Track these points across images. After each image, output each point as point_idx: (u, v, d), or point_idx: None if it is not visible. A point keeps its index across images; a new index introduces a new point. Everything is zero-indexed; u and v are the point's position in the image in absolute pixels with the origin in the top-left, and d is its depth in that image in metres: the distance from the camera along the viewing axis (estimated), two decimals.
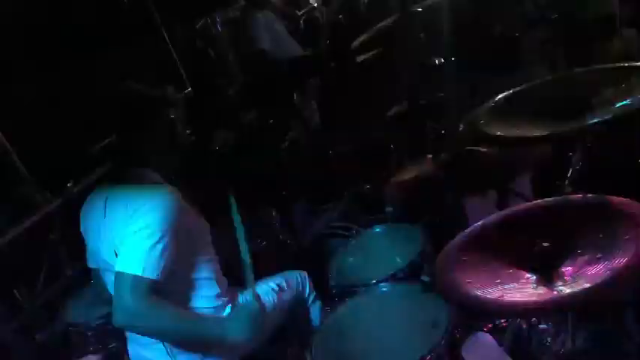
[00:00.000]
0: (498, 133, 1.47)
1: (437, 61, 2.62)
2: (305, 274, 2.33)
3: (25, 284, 2.32)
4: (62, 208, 2.58)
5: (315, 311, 2.29)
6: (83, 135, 2.62)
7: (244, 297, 1.94)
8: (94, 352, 2.15)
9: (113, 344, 2.08)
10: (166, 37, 4.95)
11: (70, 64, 3.65)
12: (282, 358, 2.40)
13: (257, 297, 1.87)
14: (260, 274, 2.21)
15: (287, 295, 2.15)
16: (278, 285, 2.15)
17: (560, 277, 1.24)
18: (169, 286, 1.65)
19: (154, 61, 4.76)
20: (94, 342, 2.13)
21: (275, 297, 2.10)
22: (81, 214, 1.87)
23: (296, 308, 2.22)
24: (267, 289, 2.11)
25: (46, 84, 3.55)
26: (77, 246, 1.93)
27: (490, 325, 1.99)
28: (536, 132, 1.41)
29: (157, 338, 1.69)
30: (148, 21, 4.86)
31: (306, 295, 2.27)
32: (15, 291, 2.21)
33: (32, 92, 3.50)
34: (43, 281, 2.48)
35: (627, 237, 1.22)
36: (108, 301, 1.67)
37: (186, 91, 4.99)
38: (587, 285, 1.15)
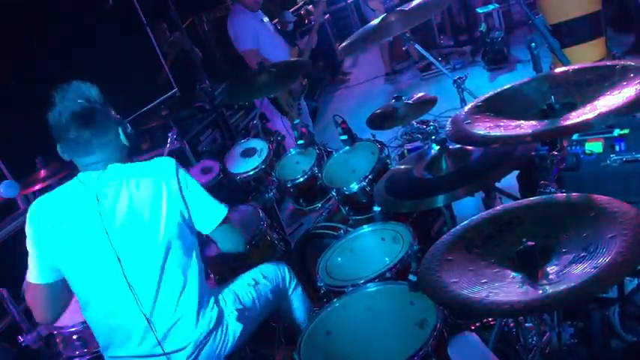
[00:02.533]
0: (482, 132, 1.47)
1: None
2: (284, 264, 2.33)
3: (9, 288, 2.28)
4: None
5: (296, 298, 2.30)
6: None
7: None
8: (79, 357, 2.13)
9: (98, 348, 2.05)
10: (153, 40, 4.94)
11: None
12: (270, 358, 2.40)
13: None
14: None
15: (265, 287, 2.16)
16: (254, 279, 2.16)
17: (546, 276, 1.25)
18: None
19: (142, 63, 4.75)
20: (79, 346, 2.11)
21: (252, 291, 2.11)
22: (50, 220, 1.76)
23: (277, 298, 2.22)
24: (243, 284, 2.12)
25: (26, 84, 3.54)
26: None
27: (477, 324, 2.00)
28: (520, 132, 1.42)
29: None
30: (134, 23, 4.83)
31: (287, 284, 2.28)
32: None
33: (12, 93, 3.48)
34: None
35: (611, 235, 1.23)
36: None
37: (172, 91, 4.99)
38: (572, 284, 1.15)
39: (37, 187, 2.73)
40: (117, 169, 1.79)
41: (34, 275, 1.80)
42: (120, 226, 1.74)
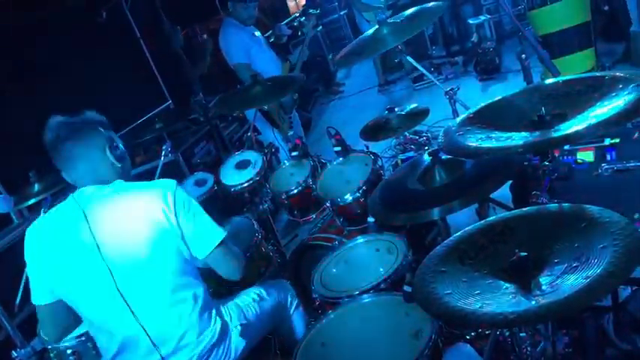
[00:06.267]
0: (474, 144, 1.49)
1: None
2: (285, 281, 2.34)
3: (3, 302, 2.27)
4: None
5: (297, 318, 2.30)
6: None
7: None
8: None
9: None
10: (146, 52, 4.95)
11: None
12: None
13: None
14: (243, 286, 2.21)
15: (268, 304, 2.16)
16: (258, 295, 2.16)
17: (538, 286, 1.26)
18: None
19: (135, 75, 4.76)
20: None
21: (256, 307, 2.11)
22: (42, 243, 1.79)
23: (278, 316, 2.22)
24: (248, 300, 2.11)
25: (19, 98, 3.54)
26: None
27: (472, 334, 2.00)
28: (512, 143, 1.43)
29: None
30: (128, 35, 4.85)
31: (288, 302, 2.28)
32: None
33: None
34: (21, 299, 2.44)
35: (602, 246, 1.24)
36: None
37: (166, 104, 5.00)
38: (565, 294, 1.16)
39: (30, 202, 2.72)
40: (116, 187, 1.80)
41: (33, 296, 1.85)
42: (113, 246, 1.73)
